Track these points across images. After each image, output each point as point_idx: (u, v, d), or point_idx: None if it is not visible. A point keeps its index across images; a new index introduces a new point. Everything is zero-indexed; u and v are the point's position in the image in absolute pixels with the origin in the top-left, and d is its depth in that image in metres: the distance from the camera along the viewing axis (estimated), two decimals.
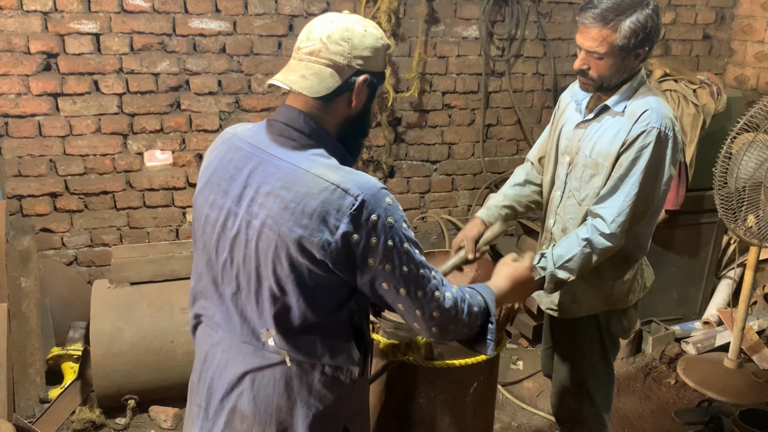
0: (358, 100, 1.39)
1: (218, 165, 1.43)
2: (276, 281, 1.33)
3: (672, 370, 3.45)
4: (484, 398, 1.98)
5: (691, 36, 4.09)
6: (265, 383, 1.41)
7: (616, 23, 1.79)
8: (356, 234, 1.28)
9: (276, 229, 1.30)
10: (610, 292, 2.07)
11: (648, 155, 1.85)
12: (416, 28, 3.48)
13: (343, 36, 1.35)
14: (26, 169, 3.14)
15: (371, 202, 1.28)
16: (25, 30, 2.95)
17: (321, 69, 1.35)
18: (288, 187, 1.31)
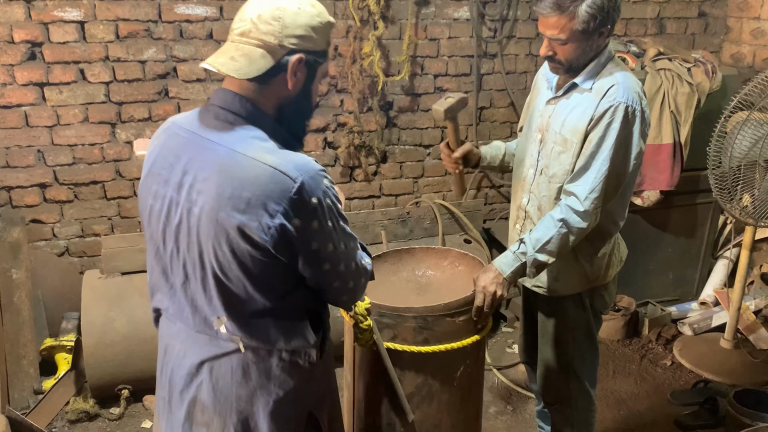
0: (296, 80, 1.35)
1: (158, 154, 1.40)
2: (219, 268, 1.31)
3: (668, 352, 3.44)
4: (471, 382, 1.97)
5: (687, 14, 4.03)
6: (223, 372, 1.40)
7: (573, 9, 1.79)
8: (297, 218, 1.26)
9: (214, 215, 1.28)
10: (590, 269, 2.09)
11: (616, 130, 1.86)
12: (406, 10, 3.43)
13: (274, 15, 1.30)
14: (14, 159, 3.11)
15: (310, 185, 1.27)
16: (8, 19, 2.91)
17: (251, 50, 1.30)
18: (225, 172, 1.28)
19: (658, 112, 3.28)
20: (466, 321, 1.89)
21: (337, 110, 3.52)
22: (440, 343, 1.85)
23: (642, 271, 3.70)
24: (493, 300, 1.89)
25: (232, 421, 1.41)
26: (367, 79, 3.47)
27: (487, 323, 1.96)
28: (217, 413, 1.41)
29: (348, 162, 3.62)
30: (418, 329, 1.83)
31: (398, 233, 3.40)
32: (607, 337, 3.54)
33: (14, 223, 3.05)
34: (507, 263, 1.94)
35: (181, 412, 1.44)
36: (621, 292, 3.66)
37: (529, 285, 2.20)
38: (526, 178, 2.12)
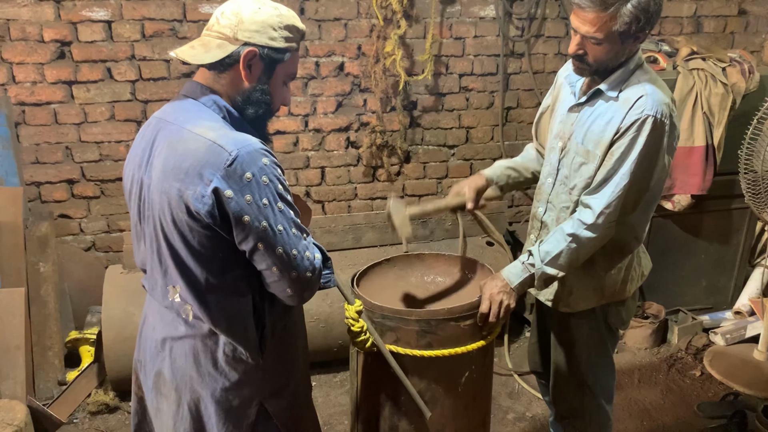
0: (250, 74, 1.44)
1: (135, 143, 1.52)
2: (165, 238, 1.40)
3: (698, 362, 3.32)
4: (477, 389, 1.92)
5: (726, 11, 3.88)
6: (179, 353, 1.51)
7: (618, 7, 1.65)
8: (229, 189, 1.31)
9: (159, 186, 1.37)
10: (605, 283, 1.98)
11: (642, 144, 1.74)
12: (430, 9, 3.39)
13: (234, 11, 1.42)
14: (43, 156, 3.19)
15: (245, 159, 1.32)
16: (39, 19, 2.98)
17: (210, 41, 1.43)
18: (172, 146, 1.37)
19: (690, 113, 3.17)
20: (471, 326, 1.84)
21: (360, 110, 3.51)
22: (444, 348, 1.81)
23: (673, 278, 3.57)
24: (500, 309, 1.83)
25: (186, 399, 1.52)
26: (390, 78, 3.44)
27: (495, 329, 1.91)
28: (174, 388, 1.53)
29: (370, 162, 3.60)
30: (421, 333, 1.80)
31: (418, 234, 3.36)
32: (634, 345, 3.44)
33: (43, 217, 3.13)
34: (515, 273, 1.87)
35: (150, 380, 1.58)
36: (650, 299, 3.56)
37: (542, 299, 2.11)
38: (544, 188, 2.03)
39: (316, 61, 3.37)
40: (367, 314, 1.82)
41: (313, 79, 3.39)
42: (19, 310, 2.85)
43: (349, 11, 3.32)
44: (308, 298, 1.48)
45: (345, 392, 3.06)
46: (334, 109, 3.48)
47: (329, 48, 3.36)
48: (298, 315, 1.67)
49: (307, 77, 3.38)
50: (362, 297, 1.85)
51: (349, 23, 3.35)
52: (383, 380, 1.86)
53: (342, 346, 3.08)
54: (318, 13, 3.28)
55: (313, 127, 3.47)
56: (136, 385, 1.68)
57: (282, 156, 3.47)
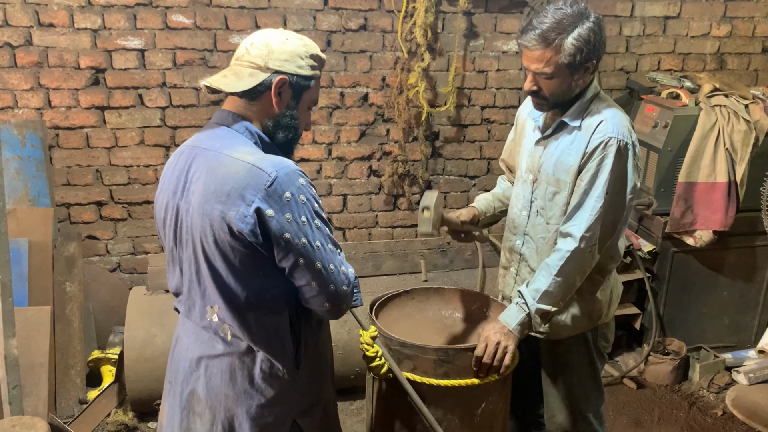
0: (280, 100, 1.52)
1: (167, 171, 1.59)
2: (206, 259, 1.46)
3: (720, 401, 3.26)
4: (494, 420, 1.92)
5: (749, 49, 3.89)
6: (215, 371, 1.55)
7: (559, 42, 1.76)
8: (270, 209, 1.38)
9: (200, 209, 1.43)
10: (593, 307, 2.03)
11: (609, 166, 1.82)
12: (454, 43, 3.45)
13: (263, 41, 1.51)
14: (74, 178, 3.29)
15: (284, 180, 1.40)
16: (76, 47, 3.10)
17: (241, 70, 1.51)
18: (211, 171, 1.44)
19: (713, 149, 3.17)
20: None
21: (382, 139, 3.56)
22: (461, 378, 1.82)
23: (695, 314, 3.54)
24: (496, 350, 1.83)
25: (220, 417, 1.55)
26: (413, 109, 3.50)
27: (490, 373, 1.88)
28: (208, 407, 1.56)
29: (392, 190, 3.65)
30: (438, 362, 1.81)
31: (438, 263, 3.38)
32: (654, 382, 3.39)
33: (71, 238, 3.21)
34: (511, 315, 1.90)
35: (183, 398, 1.61)
36: (672, 335, 3.52)
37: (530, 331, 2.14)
38: (519, 220, 2.08)
39: (341, 92, 3.44)
40: (384, 341, 1.84)
41: (337, 108, 3.46)
42: (45, 328, 2.92)
43: (375, 44, 3.40)
44: (344, 311, 1.54)
45: (361, 420, 3.06)
46: (358, 138, 3.54)
47: (354, 79, 3.43)
48: (327, 333, 1.72)
49: (332, 107, 3.45)
50: (379, 327, 1.87)
51: (374, 55, 3.42)
52: (399, 408, 1.87)
53: (359, 374, 3.09)
54: (344, 46, 3.37)
55: (337, 156, 3.53)
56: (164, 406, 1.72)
57: None
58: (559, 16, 1.77)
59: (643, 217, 3.49)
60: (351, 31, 3.36)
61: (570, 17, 1.77)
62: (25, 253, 2.99)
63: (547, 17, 1.77)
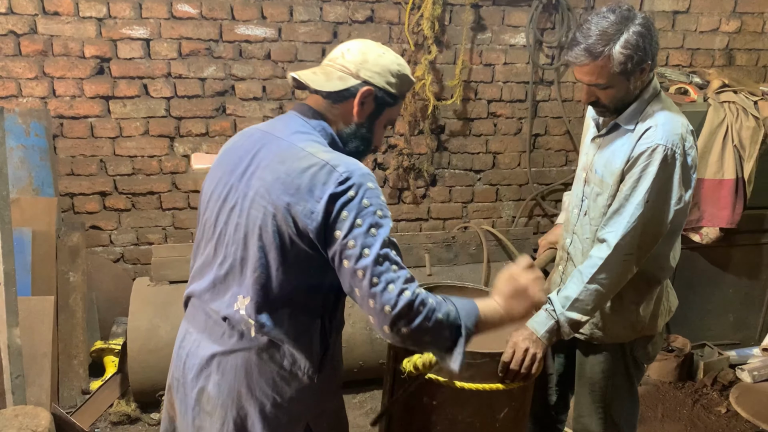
0: (362, 110, 1.52)
1: (229, 148, 1.58)
2: (260, 247, 1.42)
3: (724, 398, 3.25)
4: (515, 426, 1.89)
5: (758, 45, 3.86)
6: (229, 368, 1.49)
7: (608, 53, 1.71)
8: (333, 204, 1.36)
9: (266, 197, 1.41)
10: (636, 318, 1.96)
11: (653, 174, 1.75)
12: (461, 36, 3.43)
13: (361, 50, 1.53)
14: (78, 168, 3.27)
15: (354, 180, 1.38)
16: (81, 35, 3.08)
17: (332, 71, 1.53)
18: (282, 161, 1.42)
19: (721, 146, 3.15)
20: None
21: (387, 132, 3.54)
22: (485, 382, 1.78)
23: (699, 311, 3.52)
24: (524, 357, 1.78)
25: (232, 415, 1.50)
26: (419, 102, 3.48)
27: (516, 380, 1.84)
28: (220, 405, 1.51)
29: (397, 184, 3.63)
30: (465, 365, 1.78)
31: (442, 258, 3.37)
32: (658, 378, 3.38)
33: (74, 228, 3.20)
34: (540, 322, 1.85)
35: (192, 396, 1.55)
36: (676, 332, 3.50)
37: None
38: (571, 218, 2.04)
39: None
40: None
41: None
42: (48, 317, 2.91)
43: (382, 36, 3.38)
44: (392, 338, 1.38)
45: (364, 413, 3.05)
46: None
47: None
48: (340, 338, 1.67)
49: None
50: None
51: None
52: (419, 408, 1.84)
53: (362, 367, 3.08)
54: (351, 37, 3.34)
55: None
56: (168, 404, 1.67)
57: None
58: (603, 26, 1.71)
59: None
60: (358, 23, 3.33)
61: (614, 25, 1.71)
62: (29, 242, 2.98)
63: (591, 29, 1.72)
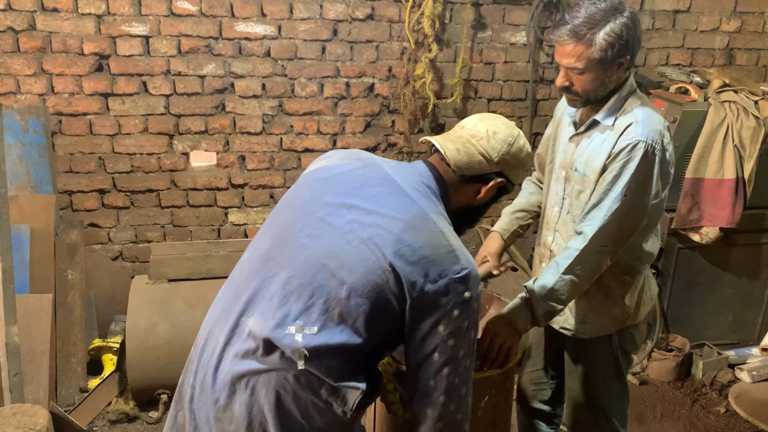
0: (485, 195, 1.57)
1: (347, 169, 1.53)
2: (350, 288, 1.36)
3: (723, 398, 3.25)
4: (496, 413, 1.90)
5: (759, 44, 3.86)
6: (259, 387, 1.39)
7: (591, 36, 1.74)
8: (445, 297, 1.35)
9: (385, 249, 1.36)
10: (622, 310, 2.00)
11: (632, 170, 1.78)
12: (461, 34, 3.42)
13: (507, 140, 1.56)
14: (77, 165, 3.26)
15: (472, 281, 1.38)
16: (80, 32, 3.07)
17: (475, 153, 1.55)
18: (413, 225, 1.39)
19: (721, 145, 3.14)
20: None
21: (387, 130, 3.54)
22: None
23: (698, 311, 3.52)
24: (499, 343, 1.81)
25: None
26: (419, 100, 3.47)
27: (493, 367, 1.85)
28: (245, 426, 1.41)
29: None
30: None
31: None
32: (657, 378, 3.38)
33: (73, 226, 3.19)
34: (515, 310, 1.87)
35: (211, 414, 1.44)
36: (675, 332, 3.50)
37: (556, 327, 2.12)
38: (551, 216, 2.06)
39: (347, 82, 3.41)
40: None
41: (343, 99, 3.43)
42: (46, 315, 2.90)
43: (382, 34, 3.37)
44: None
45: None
46: (363, 129, 3.51)
47: (360, 69, 3.40)
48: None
49: (338, 97, 3.42)
50: None
51: (381, 45, 3.39)
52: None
53: None
54: (351, 35, 3.33)
55: (341, 146, 3.51)
56: (177, 406, 1.57)
57: None
58: (592, 11, 1.75)
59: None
60: (358, 21, 3.32)
61: (602, 12, 1.74)
62: (27, 240, 2.97)
63: (579, 12, 1.76)
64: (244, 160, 3.42)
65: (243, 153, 3.42)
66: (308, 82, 3.36)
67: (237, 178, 3.44)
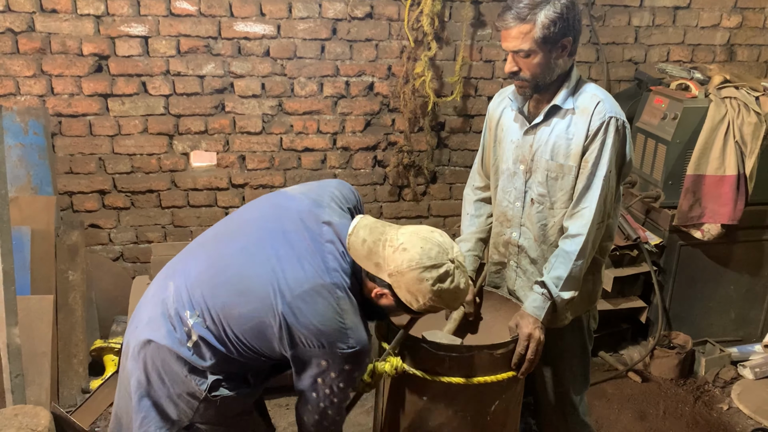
0: (379, 300, 1.61)
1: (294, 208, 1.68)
2: (239, 315, 1.57)
3: (726, 395, 3.24)
4: (506, 417, 1.89)
5: (760, 40, 3.84)
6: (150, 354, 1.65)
7: (532, 17, 1.80)
8: (325, 362, 1.53)
9: (282, 296, 1.51)
10: (592, 289, 2.08)
11: (610, 146, 1.86)
12: (461, 32, 3.41)
13: (406, 259, 1.52)
14: (77, 166, 3.26)
15: (359, 358, 1.54)
16: (79, 33, 3.07)
17: (378, 251, 1.55)
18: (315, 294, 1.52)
19: (722, 141, 3.13)
20: (504, 355, 1.82)
21: (387, 129, 3.53)
22: (475, 376, 1.79)
23: (701, 308, 3.51)
24: (538, 346, 1.84)
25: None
26: (419, 99, 3.46)
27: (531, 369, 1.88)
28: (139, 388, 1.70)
29: (397, 181, 3.62)
30: (453, 359, 1.78)
31: None
32: (660, 375, 3.37)
33: (74, 227, 3.19)
34: (539, 307, 1.89)
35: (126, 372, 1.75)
36: (677, 329, 3.49)
37: None
38: (512, 212, 2.07)
39: (347, 81, 3.40)
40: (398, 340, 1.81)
41: (342, 98, 3.43)
42: (47, 316, 2.90)
43: (381, 33, 3.36)
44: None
45: (365, 411, 3.04)
46: (363, 128, 3.50)
47: (360, 68, 3.40)
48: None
49: (337, 96, 3.42)
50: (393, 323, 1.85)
51: (381, 44, 3.38)
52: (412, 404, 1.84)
53: None
54: (350, 34, 3.33)
55: (341, 146, 3.50)
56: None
57: (309, 173, 3.50)
58: None
59: (650, 210, 3.46)
60: (357, 19, 3.32)
61: None
62: (28, 241, 2.97)
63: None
64: (244, 160, 3.42)
65: (243, 153, 3.41)
66: (308, 81, 3.36)
67: (237, 178, 3.44)
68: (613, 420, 3.04)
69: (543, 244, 2.02)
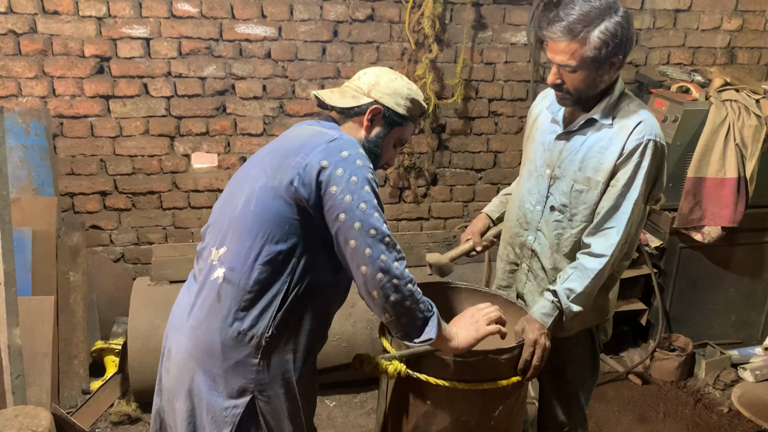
0: (371, 126, 1.68)
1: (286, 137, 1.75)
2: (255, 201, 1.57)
3: (726, 398, 3.24)
4: (510, 422, 1.88)
5: (760, 43, 3.85)
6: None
7: (585, 35, 1.73)
8: (326, 160, 1.49)
9: (262, 161, 1.63)
10: (604, 303, 2.04)
11: (646, 169, 1.82)
12: (462, 34, 3.42)
13: (375, 74, 1.71)
14: (78, 167, 3.27)
15: (346, 142, 1.54)
16: (81, 35, 3.07)
17: (347, 90, 1.72)
18: (284, 136, 1.67)
19: (723, 144, 3.13)
20: (509, 361, 1.81)
21: None
22: (480, 381, 1.77)
23: (701, 311, 3.51)
24: (544, 352, 1.81)
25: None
26: None
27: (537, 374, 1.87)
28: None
29: (397, 183, 3.62)
30: (457, 364, 1.77)
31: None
32: (660, 378, 3.37)
33: (75, 228, 3.19)
34: (547, 314, 1.87)
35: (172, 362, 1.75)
36: (678, 331, 3.50)
37: None
38: (531, 216, 2.05)
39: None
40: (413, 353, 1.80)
41: None
42: (48, 317, 2.91)
43: (382, 35, 3.37)
44: (389, 308, 1.53)
45: (365, 413, 3.05)
46: None
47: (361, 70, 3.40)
48: (322, 332, 1.72)
49: None
50: None
51: (381, 46, 3.39)
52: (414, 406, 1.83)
53: None
54: (351, 36, 3.33)
55: None
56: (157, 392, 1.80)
57: None
58: (587, 9, 1.74)
59: (650, 212, 3.46)
60: (358, 22, 3.32)
61: (597, 10, 1.73)
62: (29, 242, 2.98)
63: (574, 9, 1.75)
64: (245, 161, 3.42)
65: (244, 154, 3.42)
66: (309, 83, 3.36)
67: None
68: (613, 422, 3.05)
69: (556, 253, 2.00)
